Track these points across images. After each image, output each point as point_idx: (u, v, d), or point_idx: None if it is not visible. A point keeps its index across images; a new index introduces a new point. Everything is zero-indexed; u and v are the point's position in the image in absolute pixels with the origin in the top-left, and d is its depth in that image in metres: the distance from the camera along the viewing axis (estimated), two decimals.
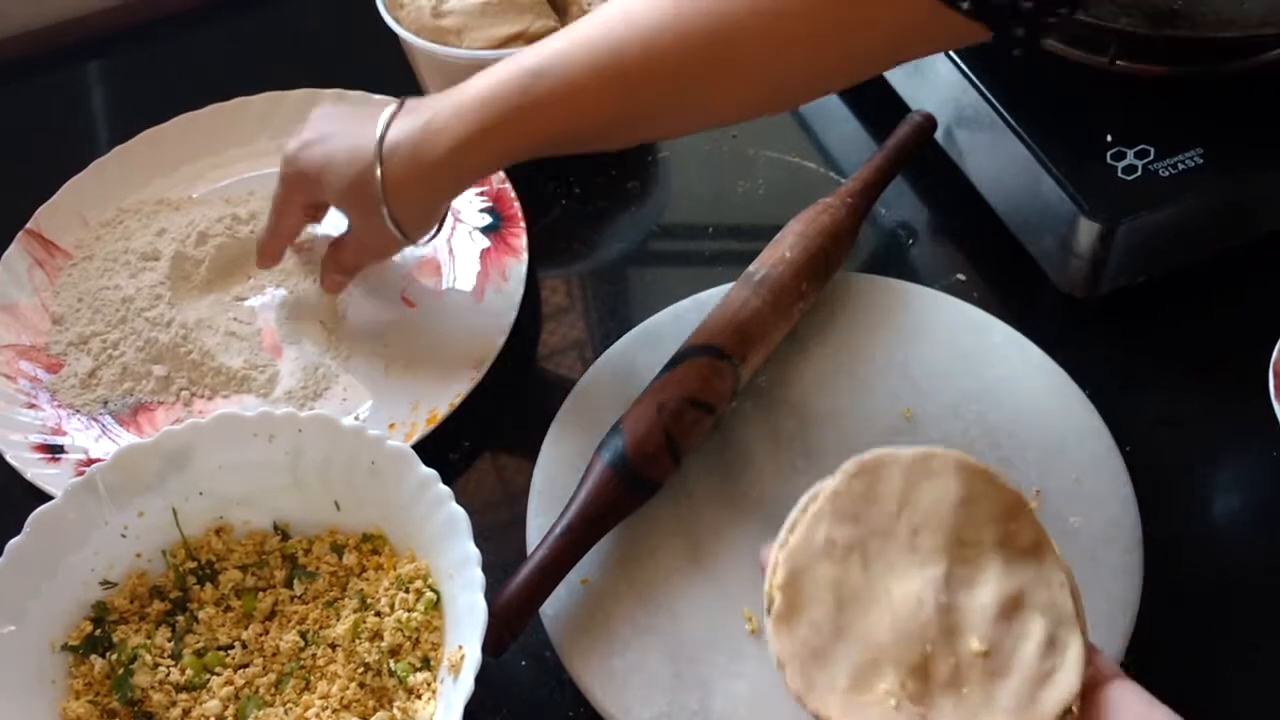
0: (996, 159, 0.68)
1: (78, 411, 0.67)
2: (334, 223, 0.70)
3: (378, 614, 0.55)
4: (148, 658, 0.55)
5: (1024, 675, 0.42)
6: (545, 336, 0.71)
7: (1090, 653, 0.43)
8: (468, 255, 0.72)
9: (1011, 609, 0.43)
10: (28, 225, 0.75)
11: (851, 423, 0.61)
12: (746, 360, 0.60)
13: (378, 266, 0.70)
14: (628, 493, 0.56)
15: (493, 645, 0.52)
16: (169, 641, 0.56)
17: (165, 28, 0.91)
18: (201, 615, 0.57)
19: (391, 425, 0.65)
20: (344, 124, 0.62)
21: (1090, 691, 0.42)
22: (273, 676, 0.55)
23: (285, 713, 0.53)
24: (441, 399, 0.65)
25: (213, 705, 0.54)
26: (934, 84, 0.71)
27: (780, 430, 0.61)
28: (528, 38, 0.72)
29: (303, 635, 0.56)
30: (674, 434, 0.57)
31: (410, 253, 0.74)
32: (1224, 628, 0.57)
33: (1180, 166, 0.62)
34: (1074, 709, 0.42)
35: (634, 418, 0.58)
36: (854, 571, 0.44)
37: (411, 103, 0.59)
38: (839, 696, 0.42)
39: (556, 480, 0.60)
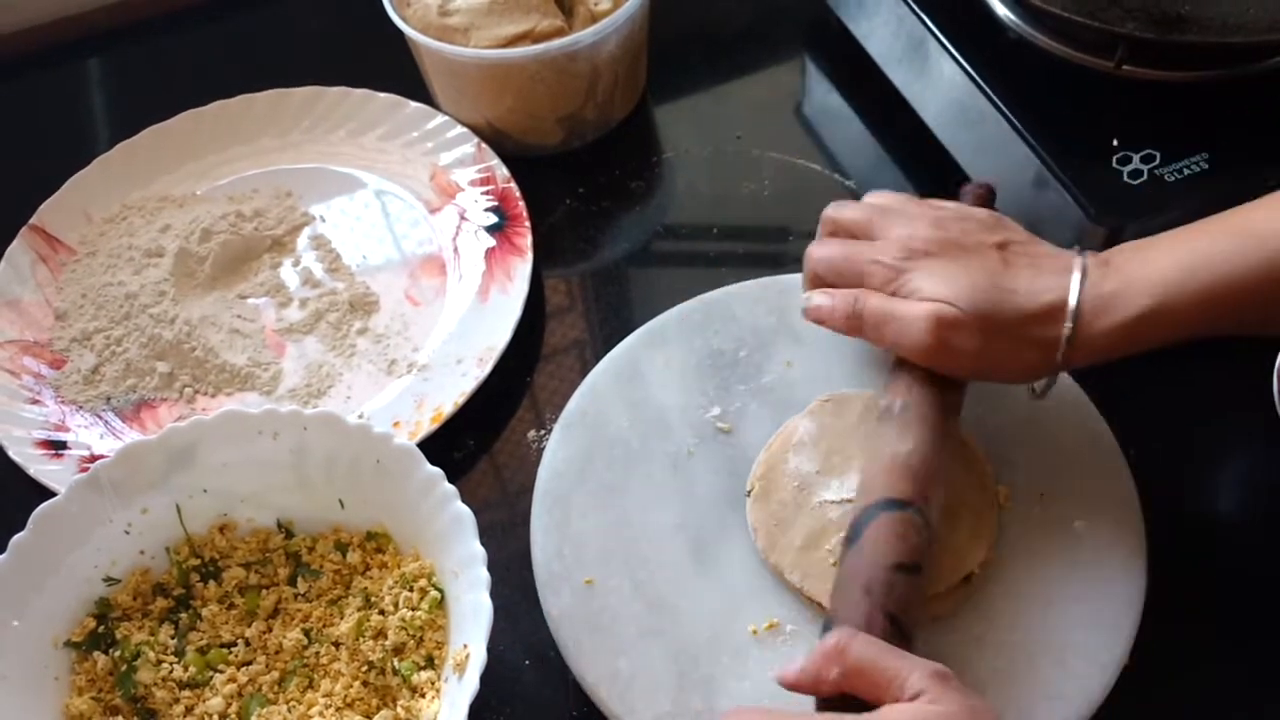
0: (1001, 162, 0.68)
1: (81, 408, 0.67)
2: None
3: (381, 612, 0.55)
4: (151, 655, 0.54)
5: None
6: (549, 336, 0.71)
7: None
8: (473, 254, 0.72)
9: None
10: (31, 221, 0.75)
11: None
12: (930, 499, 0.52)
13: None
14: None
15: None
16: (172, 639, 0.56)
17: (170, 24, 0.91)
18: (205, 613, 0.56)
19: (396, 424, 0.65)
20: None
21: None
22: (276, 674, 0.55)
23: (289, 710, 0.53)
24: (446, 397, 0.65)
25: (216, 703, 0.53)
26: (938, 86, 0.71)
27: None
28: (534, 37, 0.72)
29: (306, 633, 0.56)
30: (894, 613, 0.48)
31: (414, 251, 0.74)
32: (1228, 630, 0.57)
33: (1186, 171, 0.62)
34: (975, 571, 0.54)
35: (844, 614, 0.48)
36: (816, 462, 0.57)
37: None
38: (793, 554, 0.55)
39: (561, 480, 0.60)
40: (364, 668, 0.54)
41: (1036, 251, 0.55)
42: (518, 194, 0.74)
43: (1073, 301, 0.51)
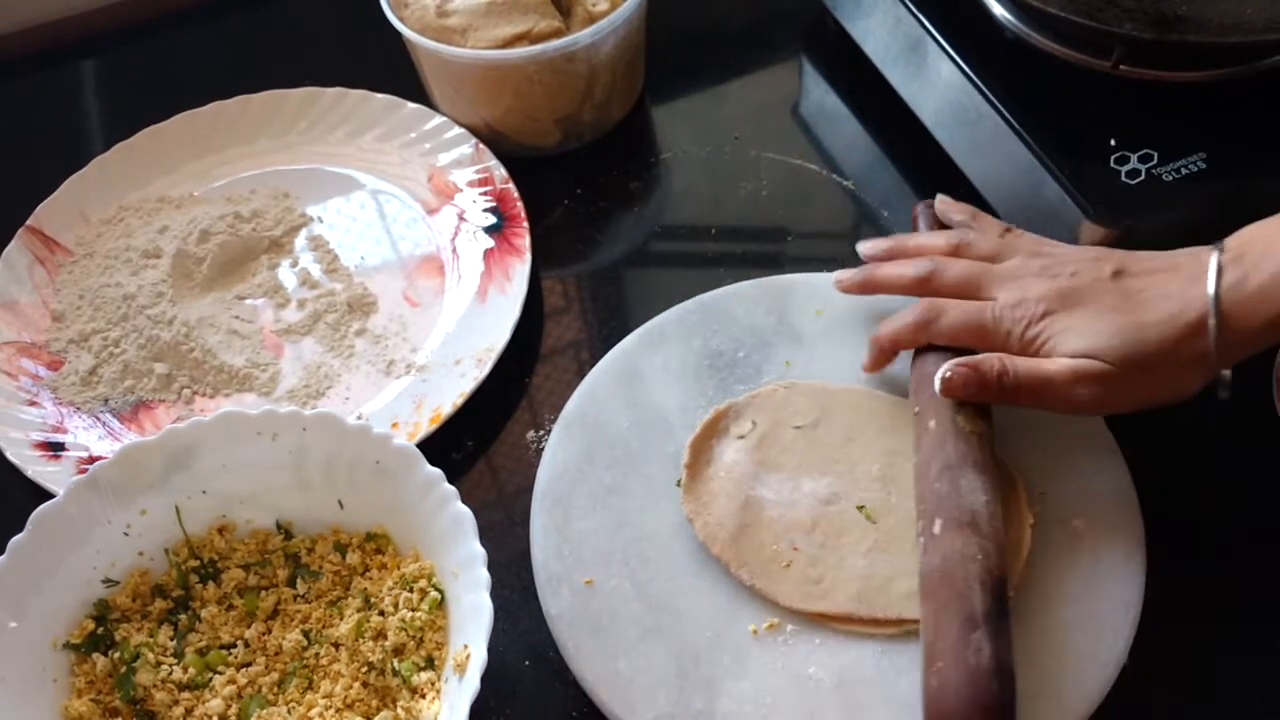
0: (999, 162, 0.68)
1: (79, 409, 0.67)
2: None
3: (381, 613, 0.55)
4: (150, 656, 0.54)
5: None
6: (547, 337, 0.71)
7: None
8: (471, 255, 0.72)
9: None
10: (28, 222, 0.74)
11: None
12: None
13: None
14: None
15: None
16: (171, 640, 0.56)
17: (167, 25, 0.91)
18: (204, 614, 0.56)
19: (394, 424, 0.64)
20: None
21: None
22: (275, 676, 0.55)
23: (288, 712, 0.53)
24: (445, 398, 0.65)
25: (215, 704, 0.53)
26: (936, 86, 0.71)
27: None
28: (532, 38, 0.72)
29: (306, 634, 0.55)
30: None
31: (411, 252, 0.74)
32: (1228, 630, 0.57)
33: (1184, 171, 0.62)
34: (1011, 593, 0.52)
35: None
36: (749, 453, 0.59)
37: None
38: (734, 548, 0.56)
39: (560, 481, 0.60)
40: (364, 669, 0.54)
41: (1152, 269, 0.54)
42: (516, 195, 0.74)
43: (1212, 319, 0.51)
